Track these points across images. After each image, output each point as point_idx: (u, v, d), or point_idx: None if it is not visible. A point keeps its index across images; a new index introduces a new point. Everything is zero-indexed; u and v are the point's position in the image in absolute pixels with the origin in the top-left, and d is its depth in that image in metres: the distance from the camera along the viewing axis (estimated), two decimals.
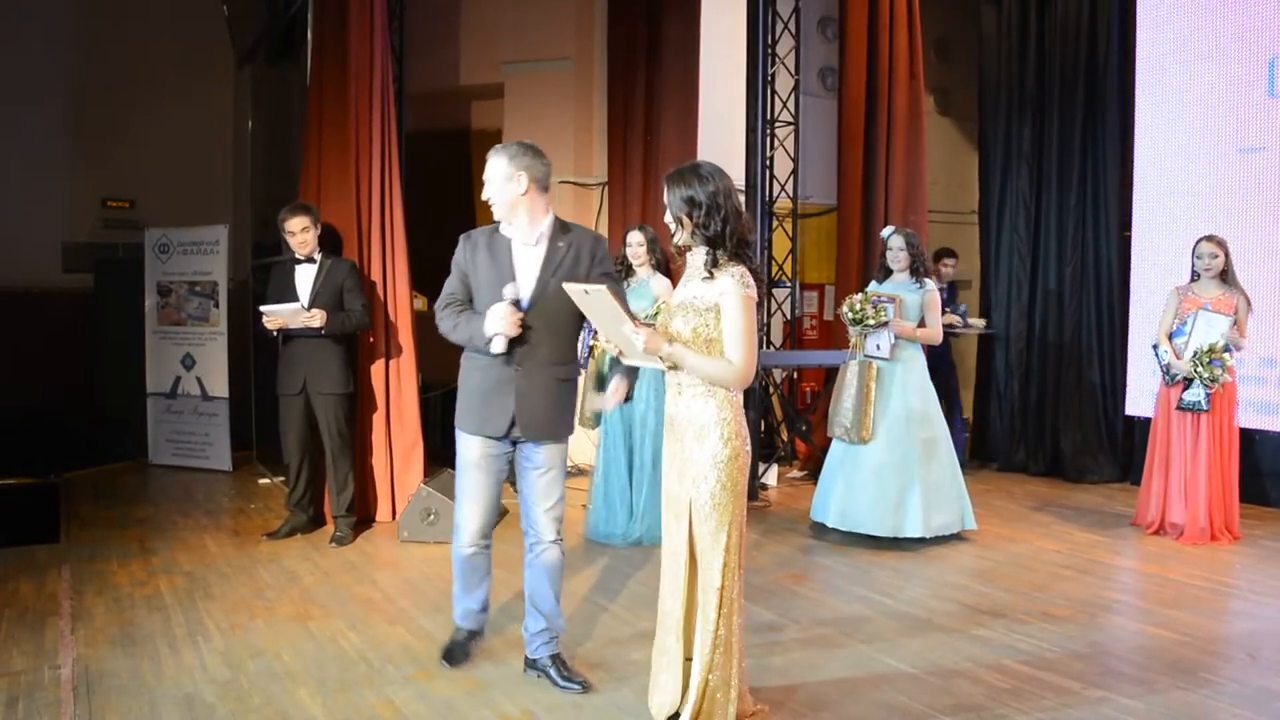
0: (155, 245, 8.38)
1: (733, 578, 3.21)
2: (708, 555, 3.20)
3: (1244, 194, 7.07)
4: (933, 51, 9.13)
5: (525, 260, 3.77)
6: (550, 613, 3.88)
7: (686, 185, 3.21)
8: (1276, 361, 6.86)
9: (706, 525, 3.19)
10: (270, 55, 8.94)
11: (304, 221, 5.85)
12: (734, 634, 3.23)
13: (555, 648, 3.93)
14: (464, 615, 4.09)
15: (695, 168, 3.26)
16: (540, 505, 3.83)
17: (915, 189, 8.43)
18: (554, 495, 3.84)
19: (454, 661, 4.05)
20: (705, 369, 3.18)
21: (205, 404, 8.15)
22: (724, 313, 3.17)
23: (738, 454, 3.21)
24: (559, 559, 3.90)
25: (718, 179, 3.22)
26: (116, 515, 6.63)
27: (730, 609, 3.21)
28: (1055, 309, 8.45)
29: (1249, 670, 4.10)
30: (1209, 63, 7.29)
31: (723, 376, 3.18)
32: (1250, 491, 6.64)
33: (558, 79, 8.43)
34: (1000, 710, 3.69)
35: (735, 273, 3.17)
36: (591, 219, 8.46)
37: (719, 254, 3.20)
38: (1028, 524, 6.69)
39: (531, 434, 3.76)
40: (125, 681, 3.88)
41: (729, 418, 3.21)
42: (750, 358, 3.16)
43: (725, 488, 3.19)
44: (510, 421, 3.73)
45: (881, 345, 6.01)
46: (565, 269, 3.73)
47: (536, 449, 3.79)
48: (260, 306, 5.76)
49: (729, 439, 3.19)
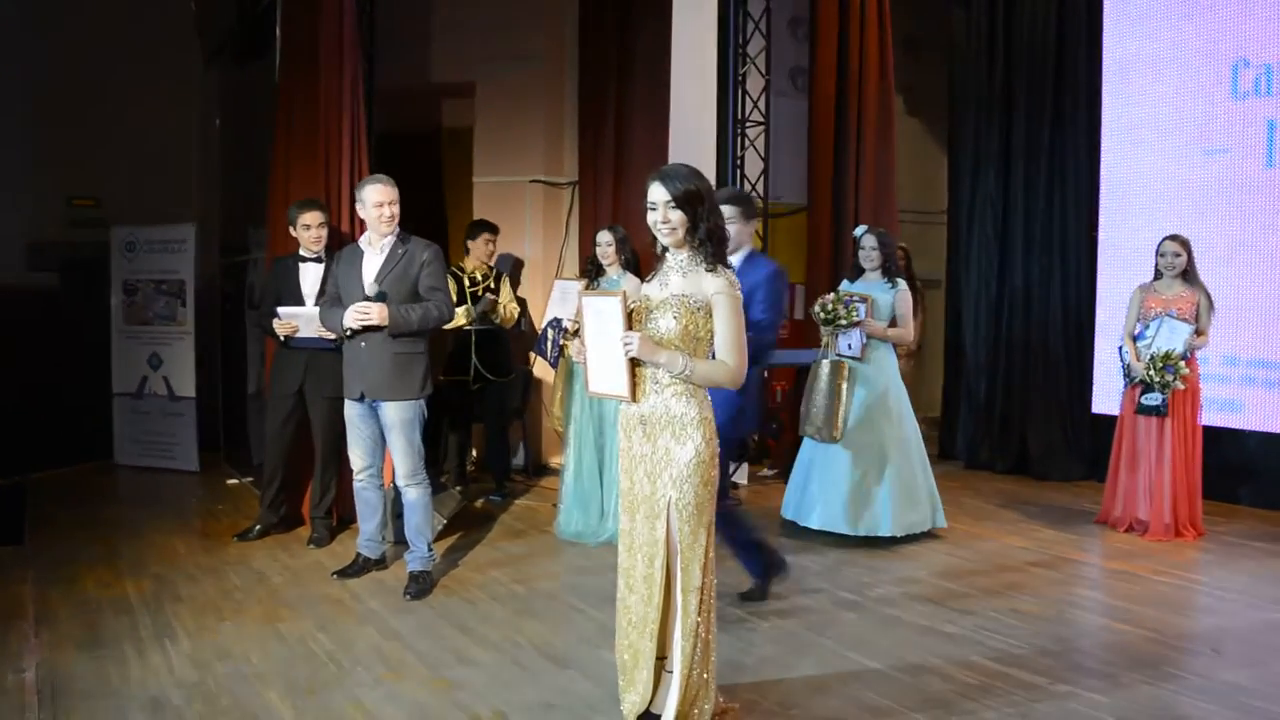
0: (121, 244, 8.29)
1: (711, 576, 3.23)
2: (688, 555, 3.19)
3: (1208, 195, 7.16)
4: (902, 52, 9.17)
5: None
6: (411, 539, 5.04)
7: (686, 182, 3.21)
8: (1239, 360, 6.95)
9: (689, 525, 3.19)
10: (239, 52, 8.87)
11: (320, 216, 5.81)
12: (712, 634, 3.26)
13: (417, 565, 5.04)
14: (361, 542, 5.33)
15: (685, 168, 3.27)
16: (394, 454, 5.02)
17: (885, 189, 8.46)
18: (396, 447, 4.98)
19: (343, 575, 5.22)
20: (705, 372, 3.19)
21: (172, 404, 8.07)
22: (717, 313, 3.18)
23: (715, 454, 3.23)
24: (415, 498, 5.01)
25: (705, 179, 3.26)
26: (82, 516, 6.55)
27: (709, 611, 3.24)
28: (1023, 308, 8.52)
29: (1213, 665, 4.16)
30: (1174, 65, 7.38)
31: (721, 378, 3.20)
32: (1214, 488, 6.72)
33: (528, 78, 8.41)
34: (969, 706, 3.72)
35: (724, 273, 3.20)
36: (562, 218, 8.45)
37: (711, 250, 3.22)
38: (995, 521, 6.75)
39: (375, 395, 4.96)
40: (91, 685, 3.84)
41: (708, 416, 3.22)
42: (745, 360, 3.20)
43: (708, 486, 3.20)
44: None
45: (853, 345, 6.03)
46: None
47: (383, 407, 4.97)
48: (279, 309, 5.68)
49: (709, 438, 3.21)
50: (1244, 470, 7.21)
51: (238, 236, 8.95)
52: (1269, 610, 4.89)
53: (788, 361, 8.38)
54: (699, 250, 3.22)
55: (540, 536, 6.20)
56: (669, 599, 3.26)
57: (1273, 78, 6.83)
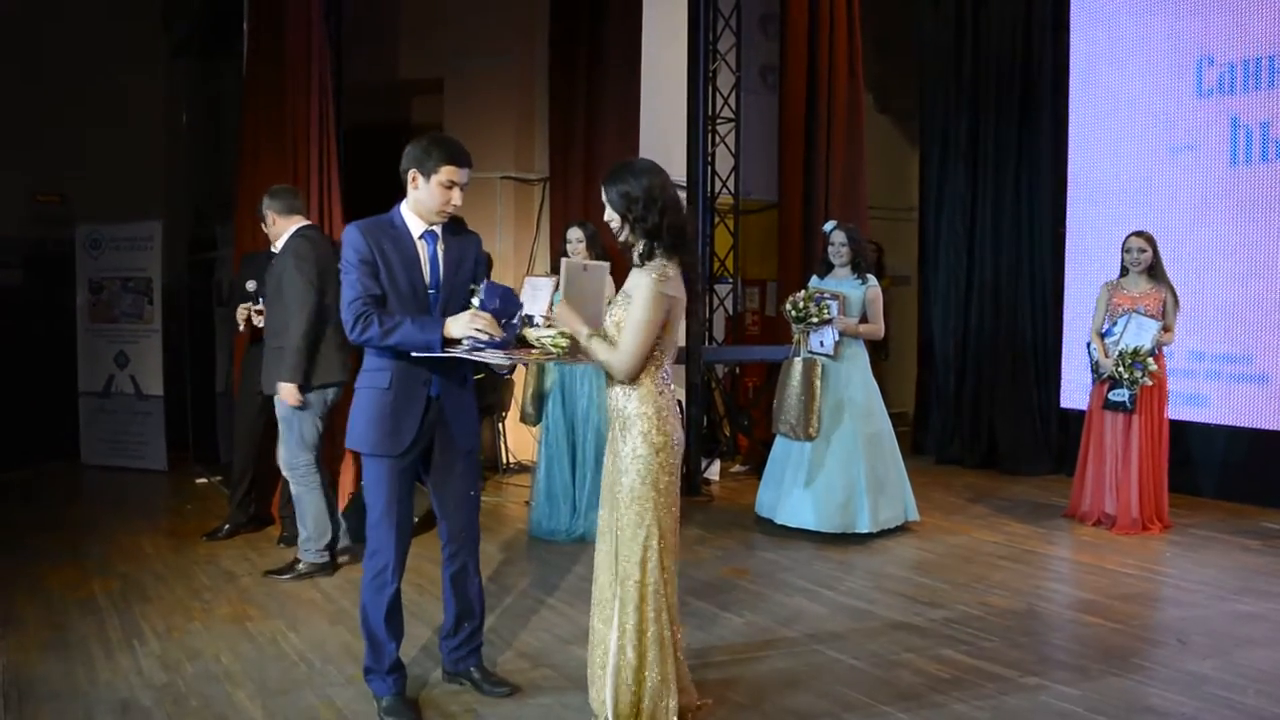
0: (86, 241, 8.20)
1: (655, 573, 3.18)
2: (626, 546, 3.19)
3: (1173, 192, 7.24)
4: (872, 50, 9.23)
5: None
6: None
7: (621, 181, 3.21)
8: (1205, 355, 7.03)
9: (626, 515, 3.19)
10: (205, 46, 8.79)
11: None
12: (665, 629, 3.21)
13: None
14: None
15: (629, 164, 3.28)
16: None
17: (855, 186, 8.52)
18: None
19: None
20: (596, 353, 3.20)
21: (140, 403, 8.00)
22: (631, 304, 3.18)
23: (659, 449, 3.20)
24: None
25: (652, 174, 3.22)
26: (48, 517, 6.48)
27: (658, 605, 3.19)
28: (991, 304, 8.58)
29: (1180, 656, 4.20)
30: (1140, 63, 7.45)
31: (605, 362, 3.20)
32: (1180, 481, 6.80)
33: (499, 74, 8.38)
34: (940, 699, 3.74)
35: (655, 267, 3.17)
36: (533, 214, 8.43)
37: (656, 247, 3.21)
38: (965, 516, 6.79)
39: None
40: (58, 687, 3.80)
41: (649, 412, 3.20)
42: (632, 348, 3.14)
43: (645, 480, 3.18)
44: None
45: (825, 342, 6.05)
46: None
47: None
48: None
49: (648, 433, 3.19)
50: (1209, 463, 7.30)
51: (205, 233, 8.87)
52: (1234, 601, 4.96)
53: (759, 358, 8.43)
54: (647, 243, 3.22)
55: (512, 534, 6.19)
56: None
57: (1236, 75, 6.91)
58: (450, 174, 3.44)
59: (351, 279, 3.42)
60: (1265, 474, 6.99)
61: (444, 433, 3.59)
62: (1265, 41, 6.75)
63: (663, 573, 3.20)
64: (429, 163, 3.44)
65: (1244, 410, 6.89)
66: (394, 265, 3.46)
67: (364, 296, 3.40)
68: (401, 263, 3.47)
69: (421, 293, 3.50)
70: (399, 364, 3.47)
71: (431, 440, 3.59)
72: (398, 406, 3.49)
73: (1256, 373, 6.81)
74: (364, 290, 3.41)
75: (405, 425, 3.50)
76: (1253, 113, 6.83)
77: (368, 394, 3.52)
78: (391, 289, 3.46)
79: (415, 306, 3.48)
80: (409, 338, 3.36)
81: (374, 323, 3.35)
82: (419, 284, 3.50)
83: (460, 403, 3.62)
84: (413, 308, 3.47)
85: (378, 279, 3.44)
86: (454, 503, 3.69)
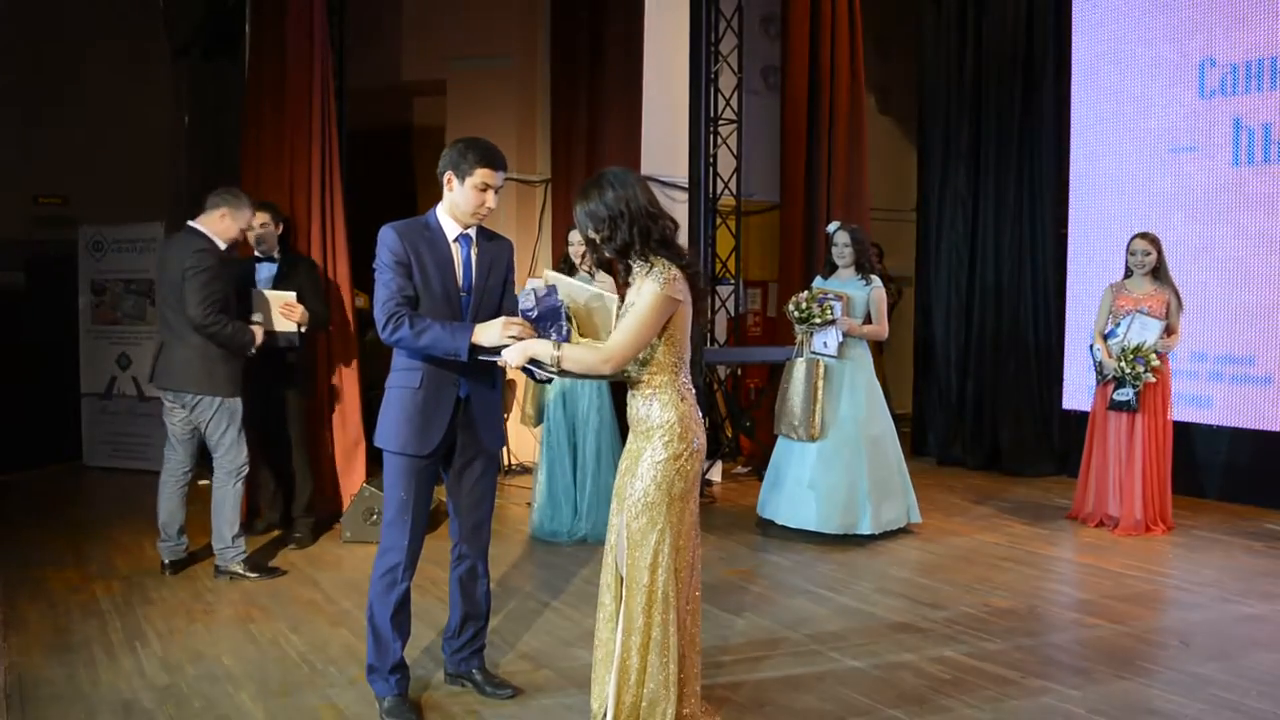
0: (89, 243, 8.20)
1: (665, 578, 3.14)
2: (636, 552, 3.16)
3: (1175, 193, 7.23)
4: (873, 51, 9.22)
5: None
6: None
7: (587, 200, 3.17)
8: (1208, 356, 7.03)
9: (637, 522, 3.16)
10: (208, 48, 8.79)
11: (264, 217, 5.72)
12: (670, 637, 3.16)
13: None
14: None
15: (596, 179, 3.21)
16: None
17: (857, 186, 8.52)
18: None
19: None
20: (573, 355, 3.16)
21: (142, 404, 8.00)
22: (633, 306, 3.14)
23: (678, 456, 3.16)
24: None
25: (619, 185, 3.16)
26: (50, 519, 6.48)
27: (665, 611, 3.14)
28: (993, 305, 8.57)
29: (1183, 658, 4.20)
30: (1142, 64, 7.44)
31: (590, 362, 3.15)
32: (1183, 483, 6.79)
33: (501, 75, 8.39)
34: (943, 701, 3.74)
35: (658, 273, 3.12)
36: (535, 216, 8.43)
37: (634, 261, 3.18)
38: (968, 517, 6.79)
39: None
40: (61, 689, 3.80)
41: (672, 419, 3.16)
42: (623, 343, 3.10)
43: (660, 486, 3.14)
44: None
45: (829, 343, 6.04)
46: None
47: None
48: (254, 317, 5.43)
49: (669, 441, 3.15)
50: (1212, 465, 7.29)
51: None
52: (1237, 603, 4.95)
53: (761, 359, 8.42)
54: (636, 259, 3.19)
55: (513, 536, 6.19)
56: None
57: (1239, 77, 6.91)
58: (485, 176, 3.47)
59: (386, 279, 3.44)
60: (1268, 476, 6.98)
61: (470, 433, 3.62)
62: (1268, 43, 6.74)
63: (673, 579, 3.16)
64: (464, 165, 3.46)
65: (1247, 412, 6.88)
66: (428, 267, 3.48)
67: (397, 296, 3.41)
68: (435, 264, 3.50)
69: (454, 295, 3.53)
70: (429, 364, 3.49)
71: (455, 439, 3.61)
72: (428, 407, 3.51)
73: (1259, 374, 6.80)
74: (398, 290, 3.43)
75: (434, 425, 3.52)
76: (1255, 114, 6.82)
77: (398, 393, 3.54)
78: (424, 290, 3.48)
79: (447, 308, 3.50)
80: (439, 341, 3.38)
81: (405, 323, 3.37)
82: (451, 286, 3.52)
83: (488, 404, 3.65)
84: (444, 310, 3.49)
85: (411, 280, 3.46)
86: (470, 501, 3.71)
